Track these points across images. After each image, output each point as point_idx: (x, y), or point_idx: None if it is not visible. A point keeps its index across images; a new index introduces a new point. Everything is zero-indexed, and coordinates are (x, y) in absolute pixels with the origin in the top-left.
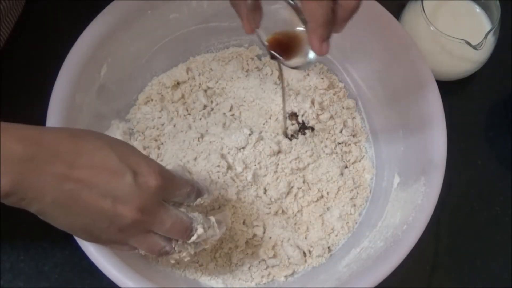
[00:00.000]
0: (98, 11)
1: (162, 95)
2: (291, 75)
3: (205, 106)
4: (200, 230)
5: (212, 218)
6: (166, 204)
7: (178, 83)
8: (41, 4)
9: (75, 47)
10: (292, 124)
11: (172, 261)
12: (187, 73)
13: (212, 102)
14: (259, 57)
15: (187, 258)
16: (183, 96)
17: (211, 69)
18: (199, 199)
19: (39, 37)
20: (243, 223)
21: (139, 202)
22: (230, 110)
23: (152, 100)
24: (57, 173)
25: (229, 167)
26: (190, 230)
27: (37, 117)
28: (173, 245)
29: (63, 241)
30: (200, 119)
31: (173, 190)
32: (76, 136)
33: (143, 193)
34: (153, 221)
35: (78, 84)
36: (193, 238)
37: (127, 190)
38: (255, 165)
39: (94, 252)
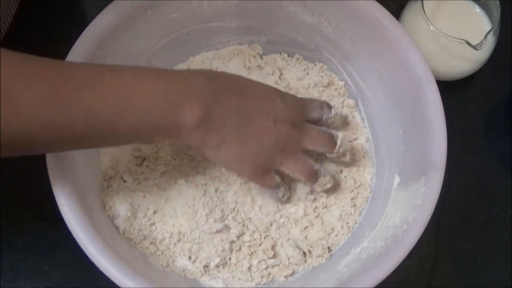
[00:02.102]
0: (98, 11)
1: None
2: (290, 74)
3: None
4: (340, 135)
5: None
6: (308, 123)
7: None
8: (41, 4)
9: (75, 47)
10: None
11: (318, 189)
12: None
13: None
14: (260, 56)
15: (329, 185)
16: None
17: (211, 67)
18: (333, 110)
19: (39, 38)
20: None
21: (291, 118)
22: None
23: None
24: (233, 102)
25: None
26: (333, 137)
27: None
28: (319, 166)
29: (63, 241)
30: None
31: (308, 107)
32: (234, 76)
33: (291, 111)
34: (302, 133)
35: None
36: (338, 142)
37: (281, 110)
38: None
39: (94, 252)
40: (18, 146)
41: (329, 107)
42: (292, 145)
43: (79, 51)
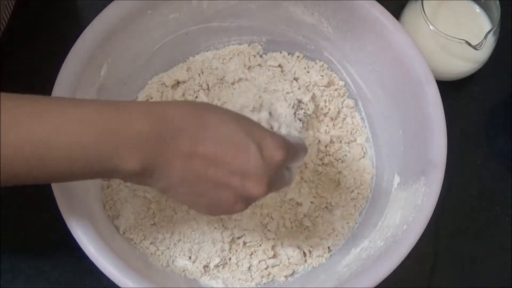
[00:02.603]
0: (98, 11)
1: (162, 93)
2: (293, 69)
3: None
4: (295, 177)
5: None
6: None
7: (178, 83)
8: (40, 4)
9: (75, 47)
10: (301, 109)
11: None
12: (187, 72)
13: (213, 100)
14: (260, 55)
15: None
16: (183, 95)
17: (211, 67)
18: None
19: (39, 38)
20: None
21: (267, 177)
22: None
23: (152, 98)
24: (184, 150)
25: None
26: (290, 182)
27: None
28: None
29: (63, 241)
30: None
31: (293, 157)
32: (199, 109)
33: (269, 167)
34: (273, 191)
35: (78, 84)
36: (292, 185)
37: (254, 165)
38: None
39: (94, 252)
40: None
41: (305, 152)
42: (255, 201)
43: (79, 52)
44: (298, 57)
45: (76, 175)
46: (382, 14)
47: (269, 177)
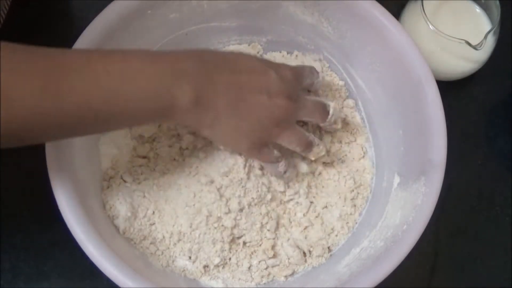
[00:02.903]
0: (98, 11)
1: None
2: None
3: None
4: (332, 104)
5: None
6: (302, 93)
7: None
8: (40, 4)
9: (75, 48)
10: None
11: (312, 158)
12: None
13: None
14: (261, 54)
15: (323, 153)
16: None
17: None
18: (320, 74)
19: (39, 38)
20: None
21: (286, 92)
22: None
23: None
24: (226, 79)
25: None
26: (326, 106)
27: None
28: (313, 135)
29: (63, 241)
30: None
31: (302, 75)
32: (225, 53)
33: (286, 84)
34: (298, 106)
35: None
36: (331, 111)
37: (275, 84)
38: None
39: (94, 252)
40: (15, 137)
41: (317, 72)
42: (287, 118)
43: None
44: (296, 56)
45: (144, 114)
46: (382, 14)
47: (288, 91)
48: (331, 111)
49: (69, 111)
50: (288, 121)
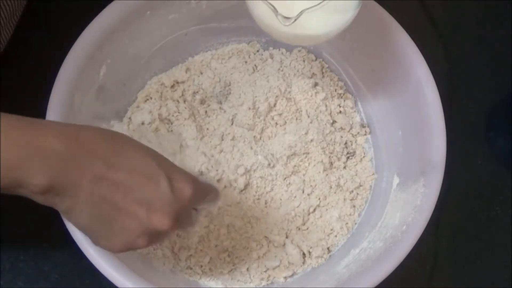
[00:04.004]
0: (98, 11)
1: (161, 94)
2: (291, 65)
3: (208, 105)
4: (199, 219)
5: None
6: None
7: (177, 83)
8: (40, 4)
9: (74, 48)
10: None
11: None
12: (186, 72)
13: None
14: (260, 53)
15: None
16: (182, 95)
17: (211, 67)
18: (219, 202)
19: (38, 38)
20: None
21: (173, 212)
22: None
23: (151, 98)
24: (93, 172)
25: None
26: (195, 223)
27: (36, 118)
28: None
29: (63, 241)
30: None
31: (203, 198)
32: (112, 136)
33: (177, 202)
34: (179, 225)
35: (77, 85)
36: (196, 228)
37: (162, 198)
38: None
39: (93, 253)
40: None
41: (218, 199)
42: (162, 237)
43: (78, 52)
44: (299, 50)
45: None
46: (381, 15)
47: (176, 212)
48: (196, 227)
49: None
50: (160, 238)
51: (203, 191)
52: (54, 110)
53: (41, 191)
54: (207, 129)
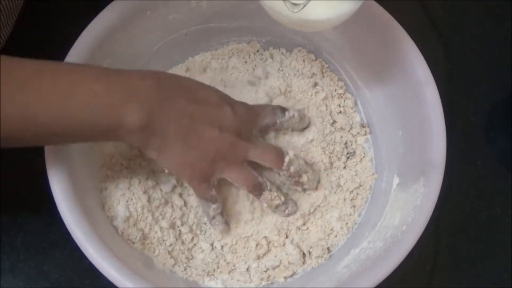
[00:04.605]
0: (98, 11)
1: None
2: (291, 65)
3: None
4: (291, 154)
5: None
6: (258, 136)
7: None
8: (40, 4)
9: (74, 48)
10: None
11: (264, 204)
12: (186, 72)
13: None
14: (260, 52)
15: (277, 201)
16: None
17: (211, 66)
18: (287, 113)
19: (38, 38)
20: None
21: (237, 128)
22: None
23: None
24: (178, 107)
25: None
26: (282, 154)
27: None
28: (264, 179)
29: (63, 241)
30: None
31: (259, 115)
32: (182, 77)
33: (239, 121)
34: (248, 146)
35: None
36: (286, 160)
37: (228, 119)
38: None
39: (93, 253)
40: None
41: (283, 110)
42: (235, 156)
43: (77, 52)
44: (299, 50)
45: (88, 129)
46: (381, 15)
47: (239, 128)
48: (286, 159)
49: (13, 123)
50: (235, 158)
51: (258, 109)
52: None
53: (139, 129)
54: None
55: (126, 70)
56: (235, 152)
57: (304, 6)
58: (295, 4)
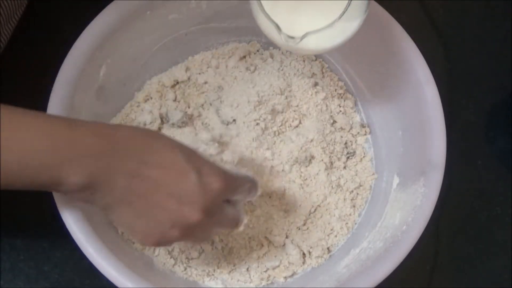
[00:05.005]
0: (98, 11)
1: (161, 94)
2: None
3: (210, 104)
4: (245, 220)
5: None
6: (224, 203)
7: (177, 83)
8: (40, 4)
9: (74, 48)
10: None
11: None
12: (186, 72)
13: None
14: (260, 52)
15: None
16: (183, 95)
17: (210, 66)
18: (258, 191)
19: (38, 38)
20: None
21: (203, 204)
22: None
23: (151, 98)
24: (128, 169)
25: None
26: (238, 222)
27: None
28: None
29: (63, 241)
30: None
31: (234, 190)
32: (146, 134)
33: (207, 194)
34: (213, 222)
35: (77, 85)
36: (240, 229)
37: (192, 190)
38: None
39: (93, 253)
40: None
41: (256, 187)
42: (194, 231)
43: (78, 52)
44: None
45: (24, 182)
46: (381, 15)
47: (205, 204)
48: (241, 228)
49: None
50: (195, 231)
51: (235, 182)
52: (54, 110)
53: (79, 189)
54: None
55: (82, 123)
56: (194, 228)
57: (301, 39)
58: (291, 37)
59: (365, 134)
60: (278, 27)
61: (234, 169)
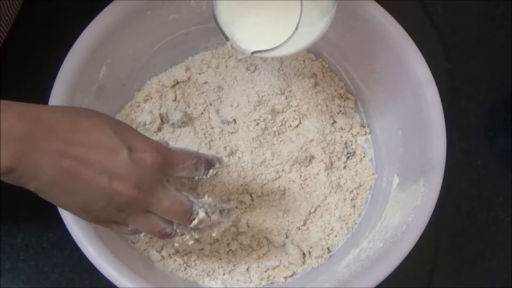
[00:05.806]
0: (98, 11)
1: (161, 94)
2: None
3: (210, 103)
4: (201, 215)
5: (220, 205)
6: (167, 185)
7: (177, 83)
8: (40, 4)
9: (74, 48)
10: None
11: (176, 245)
12: (186, 71)
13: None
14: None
15: (191, 242)
16: (183, 94)
17: (210, 66)
18: (211, 171)
19: (38, 38)
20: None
21: (135, 179)
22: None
23: (151, 98)
24: (54, 150)
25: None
26: (191, 213)
27: None
28: (175, 227)
29: (63, 241)
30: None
31: (174, 165)
32: (73, 113)
33: (139, 170)
34: (150, 200)
35: (77, 85)
36: (194, 222)
37: (123, 166)
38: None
39: (93, 253)
40: None
41: (209, 166)
42: (133, 209)
43: (78, 52)
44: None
45: None
46: (381, 14)
47: (138, 180)
48: (195, 222)
49: None
50: (133, 210)
51: (172, 157)
52: None
53: (4, 173)
54: (207, 128)
55: (6, 105)
56: (133, 205)
57: (246, 56)
58: (241, 53)
59: (365, 134)
60: (226, 37)
61: (179, 147)
